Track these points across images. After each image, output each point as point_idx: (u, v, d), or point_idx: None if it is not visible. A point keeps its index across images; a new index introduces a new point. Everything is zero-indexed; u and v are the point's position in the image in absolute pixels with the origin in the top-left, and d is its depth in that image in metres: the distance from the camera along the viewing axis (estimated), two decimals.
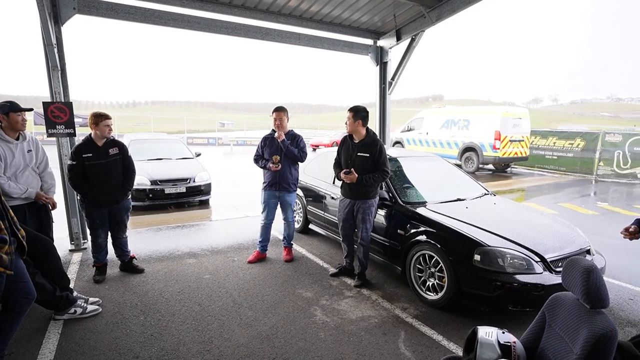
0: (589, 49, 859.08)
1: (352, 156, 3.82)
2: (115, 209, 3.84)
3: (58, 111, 4.41)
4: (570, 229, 3.74)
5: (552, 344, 1.66)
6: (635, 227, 2.61)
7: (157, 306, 3.38)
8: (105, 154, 3.72)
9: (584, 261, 1.57)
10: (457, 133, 13.71)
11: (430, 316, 3.31)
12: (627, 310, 3.49)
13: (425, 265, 3.53)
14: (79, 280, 3.92)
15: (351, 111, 3.82)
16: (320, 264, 4.50)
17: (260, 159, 4.45)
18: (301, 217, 5.64)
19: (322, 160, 5.50)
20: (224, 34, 5.70)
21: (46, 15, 4.07)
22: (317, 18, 6.22)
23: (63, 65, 4.56)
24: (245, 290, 3.75)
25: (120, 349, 2.73)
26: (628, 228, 2.63)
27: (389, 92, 7.08)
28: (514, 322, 3.18)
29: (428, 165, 5.09)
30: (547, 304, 1.75)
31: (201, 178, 7.53)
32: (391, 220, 3.94)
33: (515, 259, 3.07)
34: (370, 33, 6.92)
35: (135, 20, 5.09)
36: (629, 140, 11.98)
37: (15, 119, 3.19)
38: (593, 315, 1.50)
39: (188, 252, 4.82)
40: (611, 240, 5.62)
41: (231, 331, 3.00)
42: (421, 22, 6.03)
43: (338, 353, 2.74)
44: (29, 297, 2.43)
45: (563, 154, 13.43)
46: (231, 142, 26.33)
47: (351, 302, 3.55)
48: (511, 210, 4.19)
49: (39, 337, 2.86)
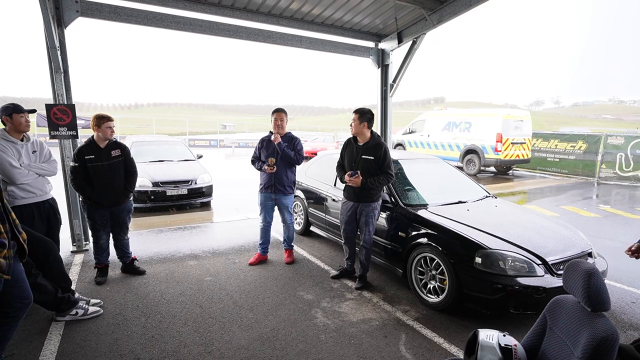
0: (591, 52, 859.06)
1: (357, 159, 3.80)
2: (117, 210, 3.86)
3: (61, 113, 4.43)
4: (572, 232, 3.73)
5: (553, 347, 1.65)
6: (638, 245, 2.61)
7: (158, 308, 3.39)
8: (108, 156, 3.73)
9: (585, 264, 1.57)
10: (458, 135, 13.71)
11: (431, 319, 3.30)
12: (630, 313, 3.48)
13: (427, 268, 3.53)
14: (81, 281, 3.92)
15: (357, 113, 3.79)
16: (321, 266, 4.50)
17: (257, 160, 4.46)
18: (302, 219, 5.65)
19: (324, 162, 5.51)
20: (226, 36, 5.72)
21: (49, 18, 4.10)
22: (318, 21, 6.24)
23: (66, 68, 4.58)
24: (246, 292, 3.75)
25: (122, 351, 2.74)
26: (631, 247, 2.63)
27: (391, 95, 7.09)
28: (515, 325, 3.17)
29: (429, 168, 5.09)
30: (548, 306, 1.75)
31: (203, 180, 7.55)
32: (392, 222, 3.94)
33: (516, 262, 3.06)
34: (371, 36, 6.94)
35: (137, 22, 5.11)
36: (631, 142, 11.94)
37: (18, 120, 3.22)
38: (594, 319, 1.50)
39: (189, 254, 4.82)
40: (613, 243, 5.60)
41: (232, 333, 3.00)
42: (422, 24, 6.04)
43: (339, 356, 2.74)
44: (25, 301, 2.39)
45: (565, 156, 13.41)
46: (233, 144, 26.35)
47: (352, 304, 3.55)
48: (513, 212, 4.18)
49: (40, 338, 2.86)
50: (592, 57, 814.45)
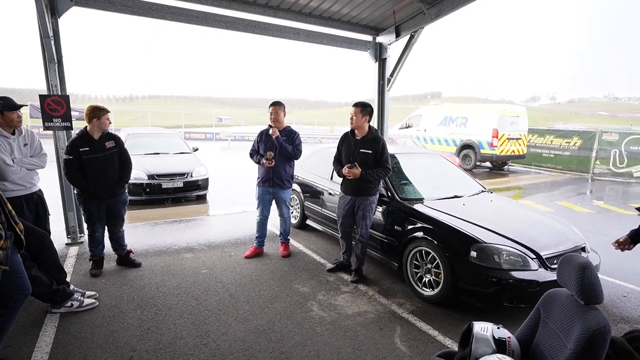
0: (588, 48, 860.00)
1: (355, 153, 3.77)
2: (112, 202, 3.84)
3: (55, 104, 4.38)
4: (565, 227, 3.76)
5: (546, 339, 1.67)
6: (626, 237, 2.66)
7: (154, 300, 3.39)
8: (102, 148, 3.70)
9: (579, 258, 1.59)
10: (455, 130, 13.73)
11: (426, 312, 3.33)
12: (621, 307, 3.53)
13: (422, 261, 3.55)
14: (76, 274, 3.91)
15: (358, 106, 3.73)
16: (317, 259, 4.51)
17: (256, 154, 4.43)
18: (299, 212, 5.65)
19: (320, 156, 5.50)
20: (222, 28, 5.66)
21: (43, 7, 4.03)
22: (316, 13, 6.19)
23: (60, 58, 4.52)
24: (242, 285, 3.75)
25: (117, 343, 2.74)
26: (619, 239, 2.68)
27: (388, 89, 7.07)
28: (509, 317, 3.20)
29: (425, 162, 5.10)
30: (542, 300, 1.77)
31: (198, 173, 7.52)
32: (388, 216, 3.95)
33: (511, 256, 3.09)
34: (369, 29, 6.89)
35: (132, 13, 5.04)
36: (625, 139, 12.04)
37: (10, 116, 3.18)
38: (587, 311, 1.52)
39: (185, 246, 4.82)
40: (606, 238, 5.65)
41: (228, 325, 3.01)
42: (420, 18, 6.01)
43: (334, 348, 2.76)
44: (24, 292, 2.40)
45: (560, 152, 13.49)
46: (229, 137, 26.15)
47: (348, 297, 3.57)
48: (508, 207, 4.21)
49: (35, 330, 2.86)
50: (589, 54, 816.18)
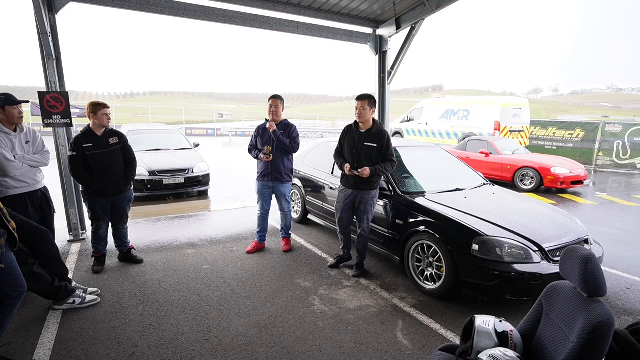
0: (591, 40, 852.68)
1: (359, 146, 3.71)
2: (118, 199, 3.84)
3: (54, 101, 4.37)
4: (568, 219, 3.74)
5: (549, 332, 1.66)
6: None
7: (156, 296, 3.39)
8: (106, 144, 3.69)
9: (583, 250, 1.57)
10: (456, 123, 13.66)
11: (428, 305, 3.32)
12: (624, 299, 3.51)
13: (424, 255, 3.54)
14: (78, 270, 3.92)
15: (364, 99, 3.65)
16: (318, 254, 4.51)
17: (254, 149, 4.41)
18: (300, 207, 5.64)
19: (321, 150, 5.48)
20: (222, 22, 5.62)
21: (40, 3, 4.00)
22: (315, 6, 6.13)
23: (58, 55, 4.50)
24: (244, 280, 3.76)
25: (120, 339, 2.74)
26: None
27: (388, 82, 7.02)
28: (512, 311, 3.19)
29: (427, 155, 5.07)
30: (544, 292, 1.75)
31: (200, 169, 7.50)
32: (390, 210, 3.93)
33: (513, 249, 3.07)
34: (369, 22, 6.83)
35: (131, 8, 5.00)
36: (628, 130, 11.94)
37: (11, 112, 3.17)
38: (590, 304, 1.50)
39: (187, 242, 4.82)
40: (609, 230, 5.64)
41: (230, 320, 3.01)
42: (421, 10, 5.94)
43: (336, 342, 2.76)
44: (19, 289, 2.40)
45: (563, 144, 13.39)
46: (230, 133, 26.11)
47: (349, 291, 3.56)
48: (510, 200, 4.18)
49: (38, 326, 2.87)
50: (592, 45, 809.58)
